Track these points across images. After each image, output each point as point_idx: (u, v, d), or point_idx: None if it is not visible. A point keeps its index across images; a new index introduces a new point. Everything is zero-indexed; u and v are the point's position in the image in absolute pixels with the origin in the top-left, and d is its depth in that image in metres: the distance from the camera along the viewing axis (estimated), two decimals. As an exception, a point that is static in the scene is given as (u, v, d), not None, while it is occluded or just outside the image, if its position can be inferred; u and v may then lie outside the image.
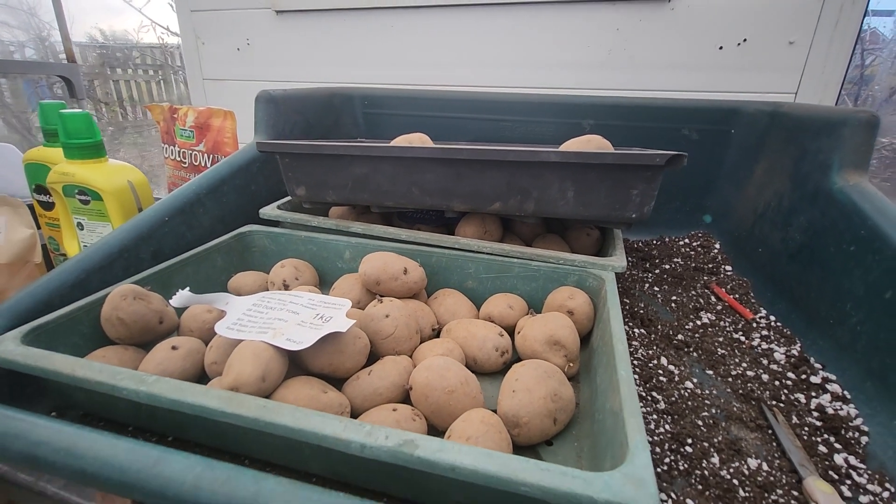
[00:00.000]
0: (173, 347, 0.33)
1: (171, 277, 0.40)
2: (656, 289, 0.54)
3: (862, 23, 0.64)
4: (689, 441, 0.31)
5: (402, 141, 0.49)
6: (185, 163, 0.69)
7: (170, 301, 0.33)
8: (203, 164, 0.67)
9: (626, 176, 0.39)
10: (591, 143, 0.45)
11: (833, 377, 0.36)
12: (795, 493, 0.27)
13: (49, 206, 0.63)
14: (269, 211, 0.51)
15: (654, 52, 0.74)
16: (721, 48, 0.71)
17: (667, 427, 0.32)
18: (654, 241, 0.67)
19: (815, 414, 0.33)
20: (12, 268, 0.58)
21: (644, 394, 0.35)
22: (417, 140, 0.49)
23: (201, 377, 0.33)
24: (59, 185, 0.53)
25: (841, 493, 0.27)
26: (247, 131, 0.69)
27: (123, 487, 0.21)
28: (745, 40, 0.70)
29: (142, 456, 0.22)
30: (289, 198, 0.53)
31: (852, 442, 0.31)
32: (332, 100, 0.74)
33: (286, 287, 0.43)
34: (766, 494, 0.27)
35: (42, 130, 0.61)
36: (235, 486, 0.20)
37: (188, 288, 0.33)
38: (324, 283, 0.47)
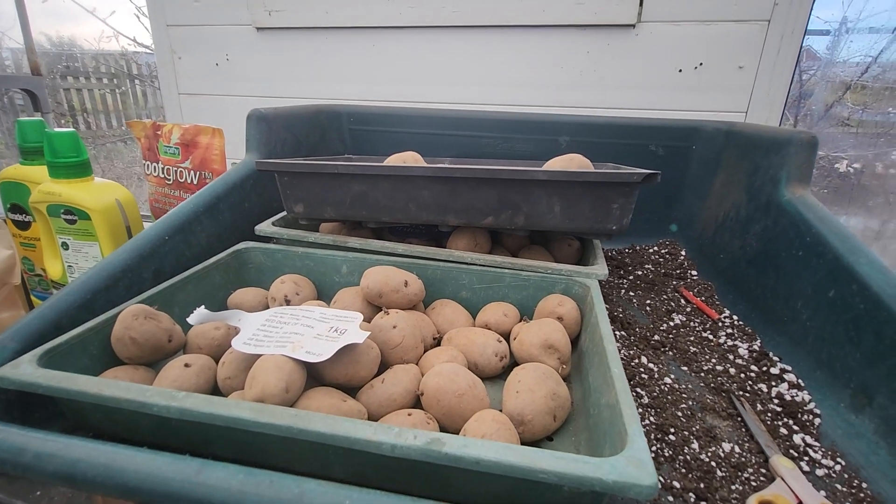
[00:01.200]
0: (186, 365, 0.34)
1: (174, 296, 0.41)
2: (631, 294, 0.59)
3: (801, 50, 0.72)
4: (672, 430, 0.34)
5: (396, 160, 0.52)
6: (169, 179, 0.69)
7: (188, 319, 0.34)
8: (189, 181, 0.67)
9: (607, 192, 0.43)
10: (573, 162, 0.49)
11: (789, 368, 0.41)
12: (764, 471, 0.31)
13: (25, 226, 0.62)
14: (265, 227, 0.52)
15: (621, 74, 0.80)
16: (680, 71, 0.78)
17: (651, 419, 0.36)
18: (627, 250, 0.72)
19: (776, 401, 0.38)
20: (-11, 290, 0.57)
21: (630, 390, 0.39)
22: (411, 159, 0.52)
23: (214, 393, 0.34)
24: (44, 205, 0.52)
25: (801, 468, 0.31)
26: (230, 146, 0.70)
27: (168, 498, 0.23)
28: (701, 64, 0.77)
29: (183, 467, 0.23)
30: (283, 214, 0.55)
31: (807, 424, 0.35)
32: (319, 117, 0.75)
33: (288, 302, 0.44)
34: (739, 473, 0.31)
35: (20, 148, 0.59)
36: (280, 490, 0.22)
37: (203, 306, 0.35)
38: (322, 297, 0.49)
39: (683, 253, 0.68)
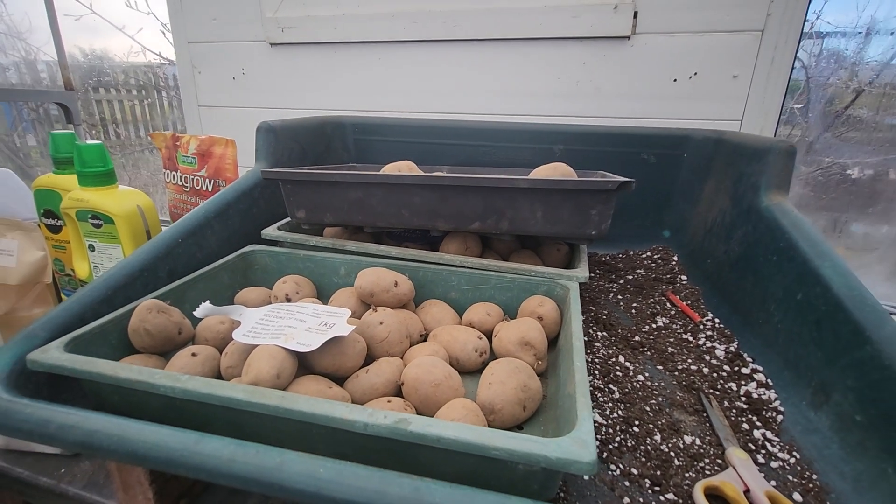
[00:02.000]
0: (193, 354, 0.38)
1: (186, 293, 0.45)
2: (619, 297, 0.61)
3: (794, 61, 0.73)
4: (637, 423, 0.37)
5: (391, 168, 0.55)
6: (186, 187, 0.74)
7: (195, 312, 0.38)
8: (205, 189, 0.72)
9: (586, 199, 0.46)
10: (556, 171, 0.51)
11: (760, 368, 0.43)
12: (719, 462, 0.33)
13: (56, 230, 0.67)
14: (270, 232, 0.56)
15: (617, 84, 0.82)
16: (675, 80, 0.79)
17: (619, 413, 0.38)
18: (620, 255, 0.73)
19: (744, 399, 0.40)
20: (23, 288, 0.62)
21: (602, 386, 0.41)
22: (406, 167, 0.55)
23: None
24: (73, 210, 0.57)
25: (756, 460, 0.33)
26: (242, 155, 0.74)
27: (170, 464, 0.26)
28: (695, 73, 0.78)
29: (183, 438, 0.27)
30: (288, 219, 0.59)
31: (770, 420, 0.37)
32: (325, 127, 0.80)
33: (288, 300, 0.48)
34: (695, 463, 0.33)
35: (53, 158, 0.65)
36: (264, 459, 0.25)
37: (208, 301, 0.38)
38: (322, 297, 0.52)
39: (675, 258, 0.70)
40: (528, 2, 0.81)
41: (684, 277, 0.64)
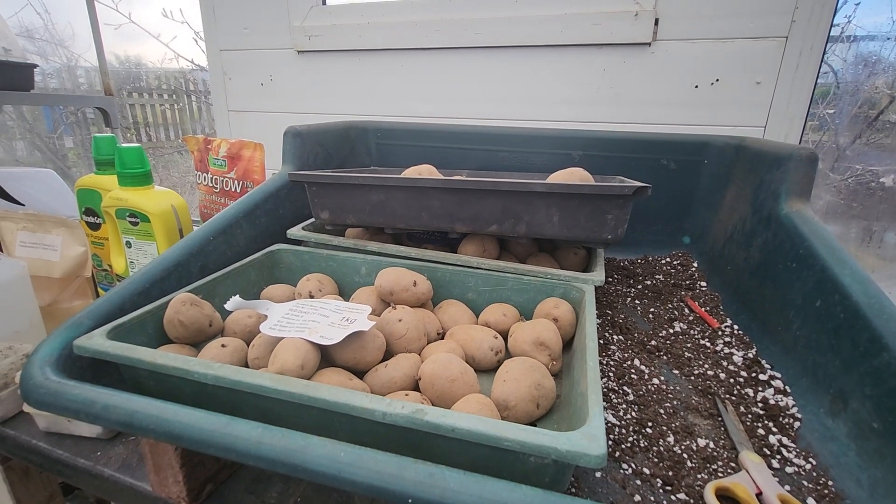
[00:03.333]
0: (223, 346, 0.40)
1: (216, 288, 0.47)
2: (637, 302, 0.61)
3: (820, 67, 0.72)
4: (650, 425, 0.37)
5: (412, 172, 0.57)
6: (216, 188, 0.77)
7: (226, 305, 0.40)
8: (234, 190, 0.75)
9: (602, 204, 0.47)
10: (574, 175, 0.52)
11: (778, 375, 0.42)
12: (733, 465, 0.33)
13: (96, 227, 0.71)
14: (295, 232, 0.58)
15: (637, 90, 0.82)
16: (696, 87, 0.79)
17: (633, 414, 0.38)
18: (639, 260, 0.73)
19: (760, 405, 0.40)
20: (65, 282, 0.66)
21: (617, 388, 0.42)
22: (426, 171, 0.57)
23: (245, 370, 0.40)
24: (113, 209, 0.61)
25: (770, 465, 0.33)
26: (270, 158, 0.78)
27: (203, 444, 0.28)
28: (717, 80, 0.78)
29: (215, 420, 0.28)
30: (312, 220, 0.61)
31: (786, 426, 0.37)
32: (349, 132, 0.82)
33: (311, 297, 0.50)
34: (708, 465, 0.33)
35: (94, 160, 0.69)
36: (290, 441, 0.27)
37: (237, 295, 0.41)
38: (343, 295, 0.54)
39: (695, 265, 0.69)
40: (549, 10, 0.82)
41: (704, 284, 0.64)
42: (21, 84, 0.95)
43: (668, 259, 0.72)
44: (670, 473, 0.32)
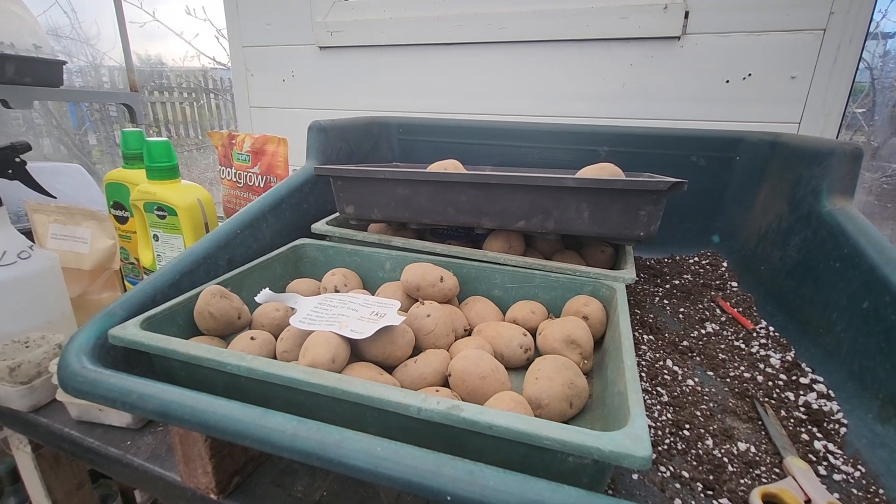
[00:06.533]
0: (251, 338, 0.40)
1: (243, 281, 0.47)
2: (665, 302, 0.59)
3: (859, 61, 0.70)
4: (687, 427, 0.36)
5: (437, 167, 0.56)
6: (240, 183, 0.77)
7: (256, 297, 0.40)
8: (257, 185, 0.75)
9: (635, 199, 0.45)
10: (604, 171, 0.51)
11: (820, 379, 0.41)
12: (777, 471, 0.32)
13: (123, 220, 0.72)
14: (320, 226, 0.58)
15: (665, 85, 0.80)
16: (728, 82, 0.77)
17: (668, 416, 0.37)
18: (666, 259, 0.72)
19: (802, 409, 0.38)
20: (94, 273, 0.67)
21: (650, 388, 0.41)
22: (451, 166, 0.56)
23: (274, 363, 0.40)
24: (141, 203, 0.62)
25: (816, 472, 0.32)
26: (293, 153, 0.78)
27: (237, 435, 0.28)
28: (749, 75, 0.75)
29: (250, 412, 0.28)
30: (336, 214, 0.61)
31: (832, 432, 0.35)
32: (371, 127, 0.82)
33: (337, 292, 0.50)
34: (750, 470, 0.32)
35: (122, 154, 0.70)
36: (325, 435, 0.27)
37: (267, 288, 0.40)
38: (367, 290, 0.54)
39: (725, 264, 0.67)
40: (575, 3, 0.81)
41: (735, 284, 0.62)
42: (51, 80, 0.97)
43: (696, 258, 0.71)
44: (711, 478, 0.31)
